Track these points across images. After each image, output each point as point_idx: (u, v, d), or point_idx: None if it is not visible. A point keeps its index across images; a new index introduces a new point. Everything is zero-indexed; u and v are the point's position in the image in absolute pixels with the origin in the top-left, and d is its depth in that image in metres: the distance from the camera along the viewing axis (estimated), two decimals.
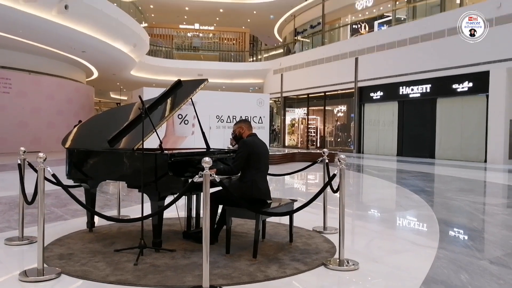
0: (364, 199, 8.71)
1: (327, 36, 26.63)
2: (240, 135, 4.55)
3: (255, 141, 4.39)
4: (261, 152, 4.39)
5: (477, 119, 16.37)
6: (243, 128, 4.56)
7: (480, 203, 7.63)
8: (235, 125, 4.64)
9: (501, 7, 15.04)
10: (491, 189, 9.99)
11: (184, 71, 27.76)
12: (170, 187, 4.10)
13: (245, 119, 4.81)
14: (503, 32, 14.99)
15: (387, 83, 20.01)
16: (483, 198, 8.60)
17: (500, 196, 8.95)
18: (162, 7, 30.02)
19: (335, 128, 25.14)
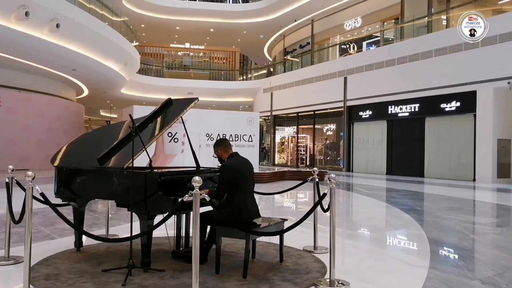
0: (354, 218, 8.70)
1: (316, 56, 26.92)
2: (220, 158, 4.51)
3: (236, 163, 4.31)
4: (244, 172, 4.31)
5: (465, 138, 16.54)
6: (219, 152, 4.49)
7: (470, 222, 7.66)
8: (214, 148, 4.56)
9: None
10: (480, 208, 10.04)
11: (174, 89, 27.83)
12: (159, 206, 4.07)
13: (220, 140, 4.60)
14: (489, 52, 15.26)
15: (376, 102, 20.20)
16: (472, 217, 8.63)
17: (490, 215, 9.00)
18: (153, 26, 30.21)
19: (325, 146, 25.24)
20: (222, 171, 4.24)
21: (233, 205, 4.20)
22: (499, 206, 10.21)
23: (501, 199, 11.69)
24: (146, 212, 4.08)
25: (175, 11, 28.38)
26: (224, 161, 4.43)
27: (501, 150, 15.51)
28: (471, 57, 15.81)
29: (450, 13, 18.88)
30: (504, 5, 17.63)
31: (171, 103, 4.93)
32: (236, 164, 4.30)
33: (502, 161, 15.57)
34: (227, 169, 4.23)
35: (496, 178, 15.33)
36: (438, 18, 19.16)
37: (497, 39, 14.97)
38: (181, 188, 4.30)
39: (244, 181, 4.27)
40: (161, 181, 4.08)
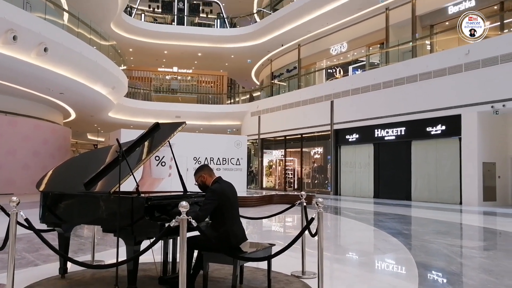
0: (342, 242, 8.67)
1: (303, 80, 27.22)
2: (204, 183, 4.46)
3: (222, 187, 4.29)
4: (231, 197, 4.31)
5: (451, 161, 16.70)
6: (204, 176, 4.44)
7: (457, 246, 7.67)
8: (195, 175, 4.50)
9: (469, 54, 15.68)
10: (467, 232, 10.08)
11: (162, 113, 27.84)
12: (146, 231, 4.02)
13: (202, 166, 4.58)
14: (472, 77, 15.57)
15: (362, 125, 20.39)
16: (460, 240, 8.65)
17: (477, 239, 9.03)
18: (141, 50, 30.39)
19: (312, 170, 25.29)
20: (210, 195, 4.20)
21: (220, 230, 4.17)
22: (486, 230, 10.27)
23: (487, 223, 11.76)
24: (132, 237, 4.03)
25: (163, 36, 28.63)
26: (207, 186, 4.39)
27: (487, 174, 15.68)
28: (455, 82, 16.11)
29: (434, 38, 19.32)
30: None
31: (159, 127, 4.92)
32: (224, 189, 4.29)
33: (488, 184, 15.73)
34: (216, 193, 4.19)
35: (482, 201, 15.44)
36: (422, 43, 19.56)
37: (480, 64, 15.29)
38: (168, 213, 4.26)
39: (231, 206, 4.26)
40: (148, 206, 4.05)
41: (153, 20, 31.31)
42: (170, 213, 4.26)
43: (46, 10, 15.18)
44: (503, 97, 14.57)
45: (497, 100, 14.75)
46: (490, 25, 17.78)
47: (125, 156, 4.24)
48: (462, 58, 15.91)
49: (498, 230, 10.21)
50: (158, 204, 4.22)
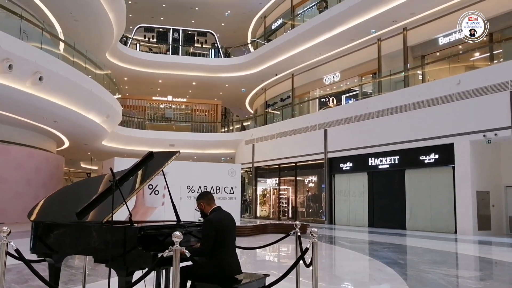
0: (338, 272, 8.58)
1: (297, 109, 27.42)
2: (202, 211, 4.43)
3: (220, 217, 4.24)
4: (228, 227, 4.24)
5: (445, 190, 16.71)
6: (202, 204, 4.41)
7: (453, 276, 7.61)
8: (197, 201, 4.48)
9: (460, 83, 15.91)
10: (463, 261, 10.02)
11: (156, 141, 27.85)
12: (139, 262, 3.96)
13: (204, 193, 4.55)
14: (464, 106, 15.75)
15: (356, 154, 20.45)
16: (456, 270, 8.59)
17: (472, 269, 8.97)
18: (136, 79, 30.63)
19: (307, 198, 25.21)
20: (207, 225, 4.14)
21: (214, 261, 4.10)
22: (481, 259, 10.21)
23: (483, 252, 11.70)
24: (125, 268, 3.96)
25: (158, 65, 28.92)
26: (207, 214, 4.36)
27: (481, 202, 15.67)
28: (448, 111, 16.28)
29: (426, 68, 19.61)
30: (475, 61, 18.39)
31: (153, 156, 4.92)
32: (220, 218, 4.23)
33: (482, 213, 15.71)
34: (212, 224, 4.13)
35: (477, 230, 15.39)
36: (414, 73, 19.84)
37: (471, 94, 15.50)
38: (161, 243, 4.21)
39: (228, 236, 4.20)
40: (140, 236, 4.00)
41: (148, 49, 31.68)
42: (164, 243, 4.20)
43: (42, 40, 15.31)
44: (495, 126, 14.71)
45: (489, 129, 14.89)
46: (480, 56, 18.18)
47: (119, 186, 4.21)
48: (453, 88, 16.13)
49: (494, 260, 10.15)
50: (151, 233, 4.18)
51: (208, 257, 4.16)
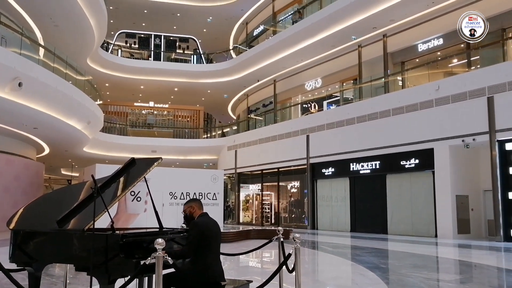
0: (320, 277, 8.61)
1: (279, 114, 27.52)
2: (191, 214, 4.48)
3: (206, 222, 4.29)
4: (214, 233, 4.29)
5: (425, 194, 16.92)
6: (193, 207, 4.47)
7: (434, 280, 7.71)
8: (186, 204, 4.54)
9: (439, 90, 16.18)
10: (443, 265, 10.15)
11: (138, 147, 27.65)
12: (121, 270, 3.93)
13: (195, 198, 4.71)
14: (443, 112, 16.01)
15: (338, 159, 20.59)
16: (436, 274, 8.70)
17: (453, 272, 9.09)
18: (117, 85, 30.40)
19: (289, 204, 25.27)
20: (193, 227, 4.19)
21: (198, 265, 4.11)
22: (461, 263, 10.35)
23: (462, 255, 11.87)
24: (106, 276, 3.93)
25: (140, 71, 28.77)
26: (193, 219, 4.39)
27: (460, 206, 15.91)
28: (427, 116, 16.53)
29: (405, 74, 19.90)
30: (454, 68, 18.75)
31: (134, 163, 4.90)
32: (208, 223, 4.29)
33: (462, 217, 15.94)
34: (198, 225, 4.19)
35: (457, 234, 15.61)
36: (394, 79, 20.11)
37: (450, 100, 15.77)
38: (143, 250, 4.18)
39: (211, 242, 4.22)
40: (123, 243, 3.97)
41: (130, 55, 31.49)
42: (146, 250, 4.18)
43: (21, 45, 15.10)
44: (473, 131, 14.99)
45: (467, 134, 15.16)
46: (458, 62, 18.53)
47: (100, 193, 4.18)
48: (432, 94, 16.39)
49: (473, 263, 10.31)
50: (133, 241, 4.15)
51: (192, 262, 4.16)
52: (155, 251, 3.14)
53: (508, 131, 14.13)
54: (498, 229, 14.44)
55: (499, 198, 14.42)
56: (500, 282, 7.95)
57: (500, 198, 14.41)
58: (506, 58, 15.71)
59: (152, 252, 3.19)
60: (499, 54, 16.12)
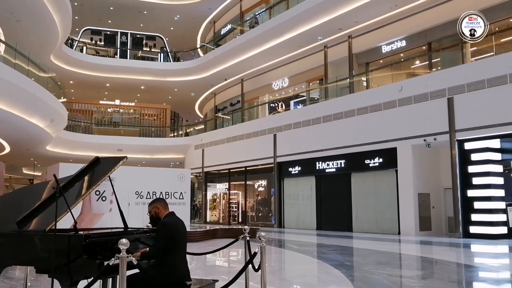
0: (286, 275, 8.70)
1: (246, 113, 27.57)
2: (157, 215, 4.44)
3: (174, 221, 4.29)
4: (181, 232, 4.30)
5: (389, 193, 17.30)
6: (158, 207, 4.44)
7: (397, 276, 7.91)
8: (150, 205, 4.51)
9: (402, 90, 16.57)
10: (406, 261, 10.41)
11: (103, 146, 27.17)
12: (84, 271, 3.88)
13: (159, 198, 4.66)
14: (405, 112, 16.40)
15: (304, 158, 20.80)
16: (399, 270, 8.92)
17: (415, 268, 9.34)
18: (82, 83, 29.78)
19: (256, 202, 25.36)
20: (161, 227, 4.17)
21: (165, 265, 4.10)
22: (423, 259, 10.65)
23: (424, 252, 12.22)
24: (68, 278, 3.87)
25: (105, 69, 28.27)
26: (159, 219, 4.36)
27: (422, 204, 16.34)
28: (390, 116, 16.90)
29: (370, 75, 20.30)
30: (416, 69, 19.24)
31: (99, 162, 4.83)
32: (175, 222, 4.27)
33: (423, 214, 16.38)
34: (166, 225, 4.17)
35: (419, 231, 16.02)
36: (359, 80, 20.47)
37: (412, 100, 16.17)
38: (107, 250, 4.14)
39: (178, 242, 4.21)
40: (86, 244, 3.92)
41: (95, 53, 30.86)
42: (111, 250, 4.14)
43: None
44: (434, 131, 15.42)
45: (429, 134, 15.59)
46: (420, 64, 19.02)
47: (63, 192, 4.12)
48: (395, 94, 16.78)
49: (434, 259, 10.61)
50: (97, 241, 4.10)
51: (158, 262, 4.14)
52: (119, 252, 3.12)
53: (467, 131, 14.62)
54: (457, 226, 14.90)
55: (459, 195, 14.88)
56: (459, 277, 8.22)
57: (459, 195, 14.88)
58: (465, 60, 16.25)
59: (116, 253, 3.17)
60: (458, 56, 16.65)
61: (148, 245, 4.49)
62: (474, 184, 14.72)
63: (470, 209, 14.71)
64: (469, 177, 14.87)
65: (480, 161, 14.72)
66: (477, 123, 14.34)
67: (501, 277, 8.38)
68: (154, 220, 4.46)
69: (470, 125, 14.54)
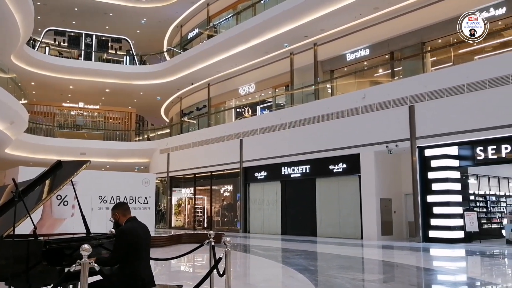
0: (251, 280, 8.73)
1: (213, 118, 27.53)
2: (117, 222, 4.40)
3: (134, 228, 4.21)
4: (142, 238, 4.21)
5: (352, 198, 17.59)
6: (116, 215, 4.37)
7: (359, 280, 8.06)
8: (112, 210, 4.45)
9: (365, 98, 16.94)
10: (368, 265, 10.61)
11: (66, 149, 26.56)
12: (43, 278, 3.81)
13: (120, 203, 4.54)
14: (368, 119, 16.77)
15: (270, 163, 20.92)
16: (362, 274, 9.09)
17: (377, 272, 9.55)
18: (44, 84, 29.02)
19: (222, 207, 25.31)
20: (119, 235, 4.10)
21: (126, 273, 4.04)
22: (385, 263, 10.90)
23: (386, 256, 12.49)
24: (27, 285, 3.79)
25: (69, 70, 27.66)
26: (121, 225, 4.31)
27: (384, 209, 16.71)
28: (354, 123, 17.24)
29: (334, 82, 20.67)
30: (379, 77, 19.71)
31: (61, 166, 4.76)
32: (134, 228, 4.19)
33: (385, 219, 16.75)
34: (124, 233, 4.10)
35: (381, 236, 16.37)
36: (324, 87, 20.80)
37: (375, 107, 16.55)
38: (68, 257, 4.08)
39: (141, 247, 4.16)
40: (45, 250, 3.85)
41: (58, 54, 30.12)
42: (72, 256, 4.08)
43: None
44: (396, 138, 15.82)
45: (390, 141, 15.98)
46: (383, 72, 19.49)
47: (22, 197, 4.03)
48: (359, 101, 17.13)
49: (395, 263, 10.88)
50: (58, 247, 4.03)
51: (120, 268, 4.09)
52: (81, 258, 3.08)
53: (427, 138, 15.07)
54: (417, 231, 15.31)
55: (419, 201, 15.30)
56: (418, 281, 8.46)
57: (419, 201, 15.30)
58: (426, 70, 16.77)
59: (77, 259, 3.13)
60: (419, 66, 17.17)
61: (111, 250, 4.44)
62: (434, 189, 15.17)
63: (430, 214, 15.14)
64: (429, 183, 15.31)
65: (439, 167, 15.19)
66: (437, 130, 14.81)
67: (458, 280, 8.68)
68: (118, 226, 4.40)
69: (430, 133, 15.00)
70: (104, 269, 3.85)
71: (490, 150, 14.21)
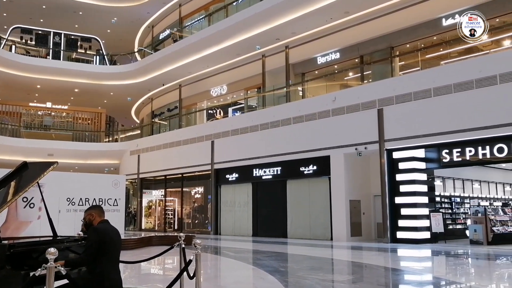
0: (222, 282, 8.73)
1: (184, 120, 27.38)
2: (91, 222, 4.38)
3: (107, 228, 4.24)
4: (113, 240, 4.24)
5: (322, 199, 17.78)
6: (93, 215, 4.38)
7: (329, 281, 8.17)
8: (86, 211, 4.45)
9: (335, 101, 17.17)
10: (337, 266, 10.75)
11: (32, 150, 25.95)
12: (7, 282, 3.73)
13: (96, 205, 4.63)
14: (338, 121, 17.00)
15: (241, 165, 20.95)
16: (331, 275, 9.20)
17: (346, 273, 9.68)
18: (10, 83, 28.29)
19: (193, 209, 25.18)
20: (92, 233, 4.10)
21: (95, 273, 4.02)
22: (354, 264, 11.06)
23: (355, 257, 12.68)
24: None
25: (36, 69, 27.06)
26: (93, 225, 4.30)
27: (353, 211, 16.95)
28: (324, 125, 17.44)
29: (305, 85, 20.86)
30: (349, 81, 20.02)
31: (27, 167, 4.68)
32: (107, 228, 4.22)
33: (354, 220, 16.99)
34: (97, 231, 4.11)
35: (350, 237, 16.59)
36: (295, 89, 20.97)
37: (345, 110, 16.80)
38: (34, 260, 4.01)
39: (110, 249, 4.15)
40: (10, 254, 3.77)
41: (25, 52, 29.39)
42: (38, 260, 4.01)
43: None
44: (365, 140, 16.09)
45: (360, 143, 16.24)
46: (353, 76, 19.81)
47: None
48: (329, 104, 17.35)
49: (364, 264, 11.06)
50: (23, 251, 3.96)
51: (89, 271, 4.06)
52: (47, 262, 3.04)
53: (395, 140, 15.39)
54: (386, 232, 15.59)
55: (387, 202, 15.59)
56: (386, 281, 8.63)
57: (388, 202, 15.59)
58: (394, 74, 17.13)
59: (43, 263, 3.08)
60: (388, 70, 17.52)
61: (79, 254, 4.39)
62: (401, 191, 15.47)
63: (398, 215, 15.43)
64: (397, 185, 15.62)
65: (406, 169, 15.50)
66: (404, 133, 15.14)
67: (424, 279, 8.90)
68: (88, 227, 4.37)
69: (397, 135, 15.31)
70: (71, 272, 3.81)
71: (455, 153, 14.59)
